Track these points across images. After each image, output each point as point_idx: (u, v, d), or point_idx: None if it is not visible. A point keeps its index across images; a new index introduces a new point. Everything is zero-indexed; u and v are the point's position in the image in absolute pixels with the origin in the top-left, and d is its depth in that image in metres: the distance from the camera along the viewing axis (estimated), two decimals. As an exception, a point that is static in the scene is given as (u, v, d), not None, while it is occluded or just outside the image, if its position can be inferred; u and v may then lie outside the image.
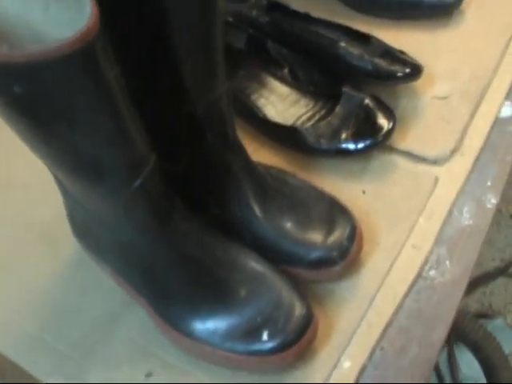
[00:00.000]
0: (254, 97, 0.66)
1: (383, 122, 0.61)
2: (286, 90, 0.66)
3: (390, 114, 0.61)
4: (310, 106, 0.65)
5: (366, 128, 0.61)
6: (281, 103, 0.66)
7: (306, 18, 0.70)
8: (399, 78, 0.62)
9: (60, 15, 0.39)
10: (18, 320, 0.56)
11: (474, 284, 1.15)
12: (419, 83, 0.65)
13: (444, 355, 1.03)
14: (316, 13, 0.73)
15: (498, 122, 0.66)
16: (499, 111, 0.66)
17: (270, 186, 0.56)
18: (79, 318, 0.56)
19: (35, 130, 0.40)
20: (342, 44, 0.63)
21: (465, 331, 0.90)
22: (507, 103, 0.67)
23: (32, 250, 0.60)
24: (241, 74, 0.67)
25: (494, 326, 1.07)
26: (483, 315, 1.13)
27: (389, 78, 0.63)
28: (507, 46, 0.70)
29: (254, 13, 0.68)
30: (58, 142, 0.41)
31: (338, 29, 0.69)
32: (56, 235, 0.60)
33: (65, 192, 0.52)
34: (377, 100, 0.62)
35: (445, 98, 0.66)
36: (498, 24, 0.72)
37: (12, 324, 0.56)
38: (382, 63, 0.63)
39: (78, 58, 0.35)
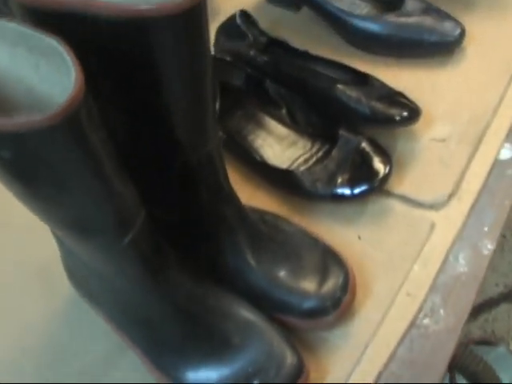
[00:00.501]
0: (250, 138, 0.66)
1: (379, 166, 0.60)
2: (284, 131, 0.67)
3: (386, 159, 0.61)
4: (308, 147, 0.65)
5: (362, 173, 0.60)
6: (278, 145, 0.66)
7: (305, 55, 0.70)
8: (397, 121, 0.62)
9: (50, 75, 0.39)
10: (13, 358, 0.57)
11: (477, 310, 1.14)
12: (418, 125, 0.65)
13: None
14: (316, 49, 0.73)
15: (497, 165, 0.65)
16: (498, 153, 0.66)
17: (263, 233, 0.56)
18: (74, 359, 0.56)
19: (24, 190, 0.41)
20: (340, 86, 0.63)
21: (464, 363, 0.90)
22: (507, 145, 0.66)
23: (29, 289, 0.61)
24: (238, 114, 0.68)
25: (497, 353, 1.07)
26: (486, 342, 1.12)
27: (386, 121, 0.62)
28: (508, 86, 0.69)
29: (252, 52, 0.68)
30: (47, 203, 0.41)
31: (337, 68, 0.69)
32: (53, 275, 0.60)
33: (58, 240, 0.52)
34: (374, 143, 0.62)
35: (443, 140, 0.65)
36: (499, 63, 0.72)
37: (7, 362, 0.56)
38: (379, 106, 0.62)
39: (63, 128, 0.36)
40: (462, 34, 0.71)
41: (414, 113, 0.63)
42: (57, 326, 0.60)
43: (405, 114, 0.62)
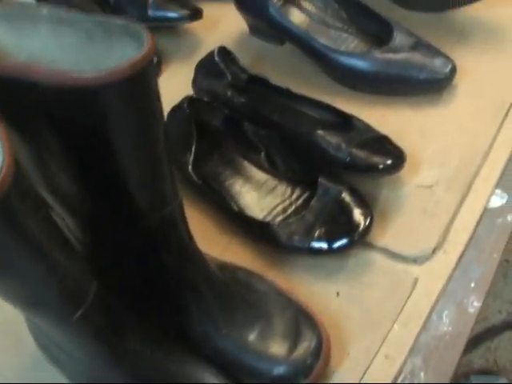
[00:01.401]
0: (227, 184, 0.63)
1: (360, 219, 0.57)
2: (262, 177, 0.64)
3: (367, 211, 0.57)
4: (287, 194, 0.62)
5: (341, 226, 0.57)
6: (256, 192, 0.63)
7: (287, 94, 0.67)
8: (379, 170, 0.59)
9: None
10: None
11: (479, 338, 1.11)
12: (404, 170, 0.62)
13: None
14: (300, 86, 0.70)
15: (487, 214, 0.62)
16: (488, 201, 0.62)
17: (233, 294, 0.53)
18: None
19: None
20: (319, 132, 0.60)
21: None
22: (497, 192, 0.63)
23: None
24: (215, 158, 0.65)
25: (498, 386, 1.03)
26: (487, 372, 1.08)
27: (368, 170, 0.59)
28: (500, 127, 0.66)
29: (230, 93, 0.65)
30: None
31: (320, 108, 0.66)
32: (20, 332, 0.58)
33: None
34: (354, 193, 0.59)
35: (430, 186, 0.62)
36: (491, 102, 0.68)
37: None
38: (360, 154, 0.59)
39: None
40: (453, 71, 0.67)
41: (398, 161, 0.60)
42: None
43: (388, 162, 0.59)
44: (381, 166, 0.59)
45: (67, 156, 0.42)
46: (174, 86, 0.73)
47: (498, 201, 0.62)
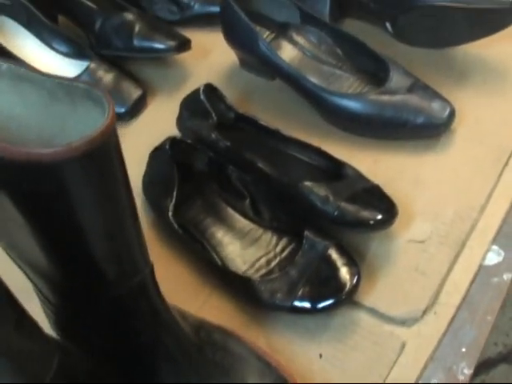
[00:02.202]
0: (209, 232, 0.60)
1: (346, 278, 0.54)
2: (246, 226, 0.60)
3: (354, 269, 0.54)
4: (271, 245, 0.59)
5: (326, 285, 0.54)
6: (239, 241, 0.60)
7: (276, 135, 0.64)
8: (369, 226, 0.56)
9: None
10: None
11: (474, 371, 1.07)
12: (395, 223, 0.59)
13: None
14: (291, 124, 0.67)
15: (482, 272, 0.58)
16: (484, 258, 0.59)
17: (208, 359, 0.50)
18: None
19: None
20: (306, 183, 0.57)
21: None
22: (494, 248, 0.60)
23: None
24: (198, 204, 0.62)
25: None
26: (482, 407, 1.05)
27: (356, 225, 0.56)
28: (498, 178, 0.62)
29: (214, 135, 0.61)
30: None
31: (310, 152, 0.63)
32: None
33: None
34: (342, 249, 0.56)
35: (422, 241, 0.59)
36: (491, 149, 0.64)
37: None
38: (349, 208, 0.56)
39: None
40: (452, 115, 0.64)
41: (388, 216, 0.56)
42: None
43: (378, 217, 0.56)
44: (371, 222, 0.56)
45: (32, 226, 0.39)
46: (159, 122, 0.70)
47: (494, 258, 0.59)
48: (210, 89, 0.65)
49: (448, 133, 0.65)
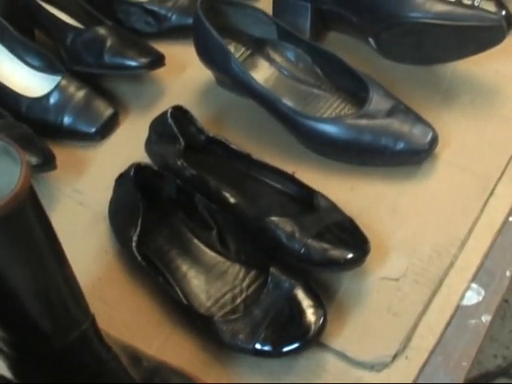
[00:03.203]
0: (174, 265, 0.57)
1: (311, 321, 0.51)
2: (212, 258, 0.58)
3: (320, 312, 0.51)
4: (238, 280, 0.56)
5: (290, 328, 0.51)
6: (205, 275, 0.57)
7: (247, 160, 0.61)
8: (337, 266, 0.53)
9: None
10: None
11: (471, 384, 1.04)
12: (369, 257, 0.55)
13: None
14: (267, 144, 0.64)
15: (459, 313, 0.55)
16: (462, 297, 0.55)
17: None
18: None
19: None
20: (273, 218, 0.54)
21: None
22: (474, 286, 0.56)
23: None
24: (164, 234, 0.59)
25: None
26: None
27: (324, 265, 0.53)
28: (482, 209, 0.58)
29: (180, 163, 0.58)
30: None
31: (282, 178, 0.60)
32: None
33: None
34: (308, 289, 0.53)
35: (396, 279, 0.55)
36: (474, 178, 0.60)
37: None
38: (316, 246, 0.53)
39: None
40: (434, 141, 0.60)
41: (359, 254, 0.53)
42: None
43: (348, 256, 0.53)
44: (340, 261, 0.53)
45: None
46: (132, 143, 0.67)
47: (473, 297, 0.56)
48: (179, 111, 0.62)
49: (430, 159, 0.61)
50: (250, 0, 0.72)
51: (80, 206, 0.64)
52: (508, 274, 0.56)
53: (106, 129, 0.68)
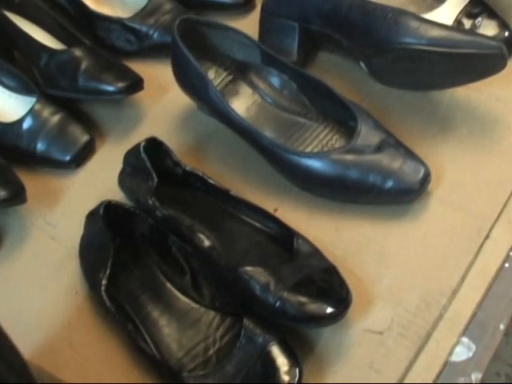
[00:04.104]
0: (145, 311, 0.54)
1: (285, 380, 0.47)
2: (186, 305, 0.54)
3: (294, 370, 0.48)
4: (212, 329, 0.53)
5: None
6: (177, 323, 0.54)
7: (225, 197, 0.57)
8: (314, 321, 0.49)
9: None
10: None
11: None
12: (353, 307, 0.51)
13: None
14: (249, 175, 0.61)
15: (447, 370, 0.51)
16: (451, 353, 0.51)
17: None
18: None
19: None
20: (247, 268, 0.50)
21: None
22: (464, 340, 0.52)
23: None
24: (135, 276, 0.56)
25: None
26: None
27: (300, 320, 0.49)
28: (476, 255, 0.54)
29: (151, 202, 0.55)
30: None
31: (261, 217, 0.56)
32: None
33: None
34: (283, 345, 0.49)
35: (380, 332, 0.52)
36: (470, 219, 0.55)
37: None
38: (292, 300, 0.49)
39: None
40: (425, 180, 0.55)
41: (340, 309, 0.49)
42: None
43: (327, 311, 0.49)
44: (317, 317, 0.49)
45: None
46: (108, 171, 0.63)
47: (463, 353, 0.51)
48: (153, 144, 0.58)
49: (421, 197, 0.57)
50: (235, 20, 0.68)
51: (52, 241, 0.61)
52: (502, 327, 0.52)
53: (82, 156, 0.65)
